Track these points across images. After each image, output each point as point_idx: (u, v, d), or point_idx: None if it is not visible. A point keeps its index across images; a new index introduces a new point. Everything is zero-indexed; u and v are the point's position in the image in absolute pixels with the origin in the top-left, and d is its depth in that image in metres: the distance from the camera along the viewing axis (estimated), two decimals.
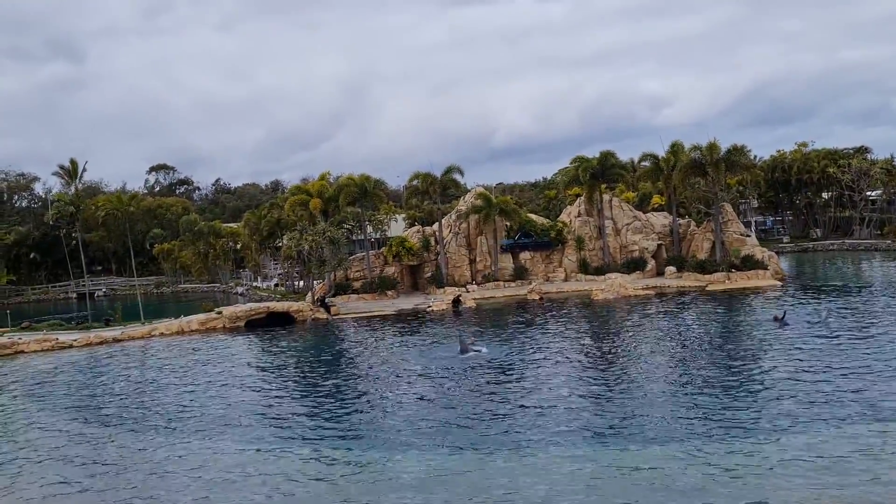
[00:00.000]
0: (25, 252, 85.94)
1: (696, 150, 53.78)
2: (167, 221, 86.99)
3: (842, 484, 15.25)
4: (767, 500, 14.72)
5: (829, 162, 78.01)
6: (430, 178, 57.82)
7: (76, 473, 19.17)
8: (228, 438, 21.58)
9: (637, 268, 56.42)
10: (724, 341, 31.78)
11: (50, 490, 18.03)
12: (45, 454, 21.04)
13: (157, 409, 25.63)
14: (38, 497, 17.61)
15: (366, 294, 54.25)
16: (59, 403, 27.60)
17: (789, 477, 15.82)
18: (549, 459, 17.87)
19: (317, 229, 50.85)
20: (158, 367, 33.83)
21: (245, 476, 18.18)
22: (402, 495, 16.31)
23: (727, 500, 14.84)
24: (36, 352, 39.96)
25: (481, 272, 57.65)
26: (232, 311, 46.41)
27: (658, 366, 27.58)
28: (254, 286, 68.55)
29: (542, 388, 25.16)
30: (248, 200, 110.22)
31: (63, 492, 17.91)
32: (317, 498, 16.63)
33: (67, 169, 71.38)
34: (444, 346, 34.61)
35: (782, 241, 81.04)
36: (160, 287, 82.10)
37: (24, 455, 21.09)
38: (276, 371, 31.85)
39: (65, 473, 19.19)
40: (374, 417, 23.03)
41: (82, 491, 17.91)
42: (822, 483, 15.37)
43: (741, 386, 23.76)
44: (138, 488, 17.79)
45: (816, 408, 20.64)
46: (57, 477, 18.93)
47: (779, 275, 52.38)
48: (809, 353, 27.71)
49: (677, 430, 19.51)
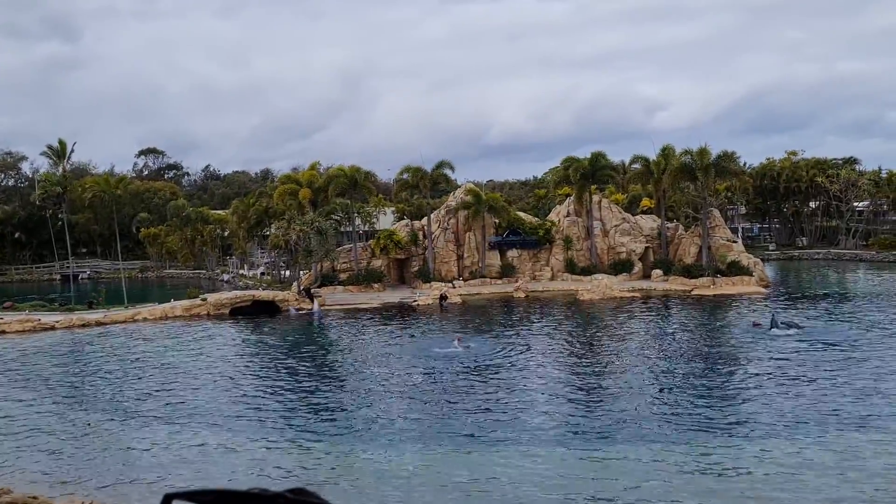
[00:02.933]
0: (10, 231, 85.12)
1: (687, 154, 53.96)
2: (154, 206, 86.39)
3: (818, 488, 15.39)
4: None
5: (817, 171, 78.43)
6: (420, 172, 57.75)
7: (45, 454, 19.11)
8: (199, 424, 21.57)
9: (624, 270, 56.58)
10: (705, 346, 31.95)
11: (17, 464, 17.97)
12: (16, 433, 20.94)
13: (131, 394, 25.55)
14: (8, 471, 17.54)
15: (352, 286, 54.17)
16: (37, 384, 27.45)
17: (760, 482, 15.94)
18: (523, 457, 17.94)
19: (305, 219, 50.67)
20: (139, 352, 33.66)
21: (208, 461, 18.21)
22: (378, 487, 16.34)
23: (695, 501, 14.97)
24: (18, 332, 39.64)
25: (468, 268, 57.66)
26: (217, 298, 46.22)
27: (638, 367, 27.69)
28: (240, 274, 68.26)
29: (522, 386, 25.26)
30: (237, 188, 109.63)
31: (31, 469, 17.84)
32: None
33: (56, 149, 70.93)
34: (427, 340, 34.62)
35: (768, 248, 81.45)
36: (145, 272, 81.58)
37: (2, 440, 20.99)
38: (255, 359, 31.79)
39: (41, 459, 19.12)
40: (349, 408, 23.04)
41: (49, 471, 17.87)
42: (796, 488, 15.51)
43: (718, 390, 23.94)
44: (102, 469, 17.82)
45: (791, 413, 20.80)
46: (27, 458, 18.86)
47: (764, 282, 52.66)
48: (788, 359, 27.91)
49: (654, 432, 19.62)
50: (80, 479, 17.41)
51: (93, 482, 17.16)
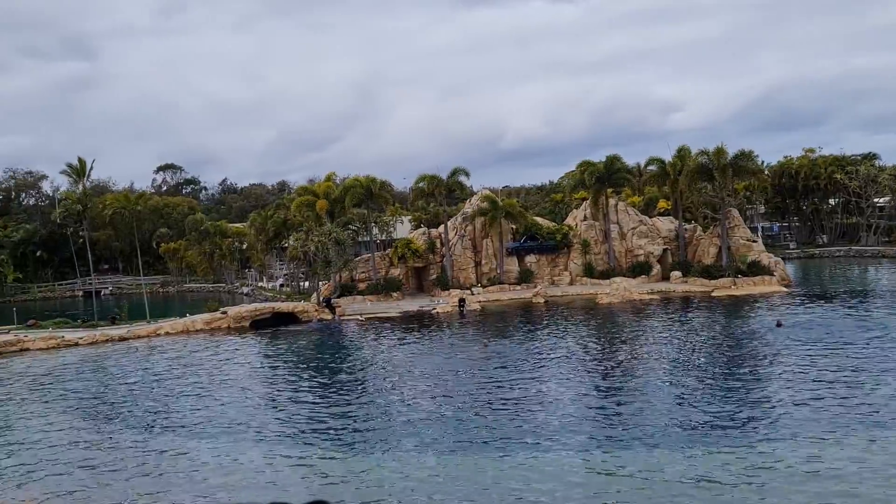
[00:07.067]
0: (32, 250, 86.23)
1: (704, 154, 53.69)
2: (173, 221, 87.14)
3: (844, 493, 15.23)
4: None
5: (836, 168, 77.70)
6: (436, 180, 57.86)
7: (75, 470, 19.29)
8: (227, 437, 21.68)
9: (642, 272, 56.32)
10: (727, 347, 31.68)
11: (49, 484, 18.14)
12: (46, 451, 21.15)
13: (157, 408, 25.76)
14: (39, 493, 17.71)
15: (371, 295, 54.27)
16: (62, 401, 27.73)
17: (778, 485, 15.78)
18: (546, 462, 17.89)
19: (323, 230, 50.92)
20: (162, 367, 33.94)
21: (239, 473, 18.26)
22: (404, 495, 16.35)
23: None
24: (42, 349, 40.09)
25: (486, 275, 57.61)
26: (237, 311, 46.48)
27: (661, 371, 27.53)
28: (259, 286, 68.64)
29: (544, 392, 25.18)
30: (254, 201, 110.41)
31: (62, 488, 18.00)
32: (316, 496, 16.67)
33: (75, 167, 71.48)
34: (448, 348, 34.62)
35: (789, 247, 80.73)
36: (166, 286, 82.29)
37: (26, 452, 21.20)
38: (278, 371, 31.93)
39: (64, 470, 19.32)
40: (376, 418, 23.08)
41: (81, 489, 18.01)
42: (818, 491, 15.34)
43: (740, 392, 23.72)
44: (133, 486, 17.93)
45: (815, 414, 20.56)
46: (56, 475, 19.05)
47: (785, 281, 52.19)
48: (810, 359, 27.58)
49: (676, 435, 19.48)
50: (112, 493, 17.54)
51: (125, 495, 17.29)
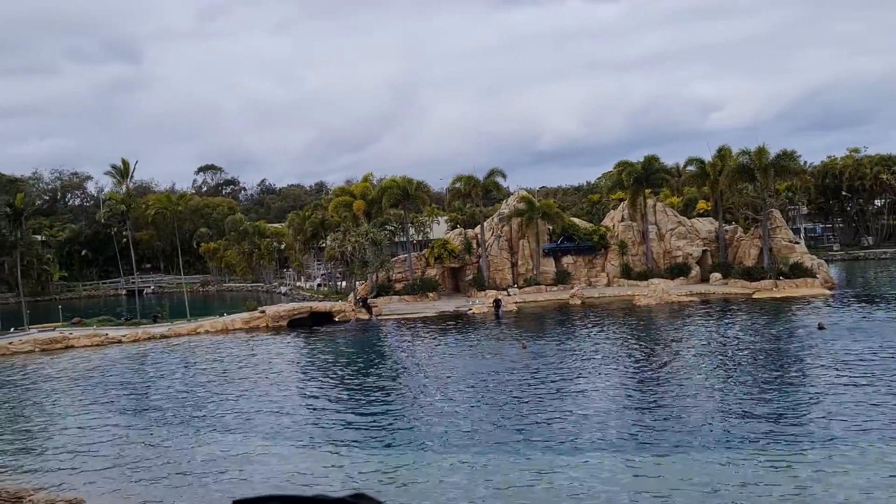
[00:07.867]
0: (77, 249, 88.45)
1: (745, 154, 52.82)
2: (213, 221, 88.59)
3: None
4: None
5: (882, 168, 75.91)
6: (472, 180, 57.92)
7: (118, 466, 19.69)
8: (264, 436, 21.93)
9: (681, 274, 55.63)
10: (768, 350, 31.09)
11: (90, 478, 18.57)
12: (88, 445, 21.65)
13: (199, 406, 26.18)
14: (82, 481, 18.15)
15: (407, 295, 54.50)
16: (103, 396, 28.37)
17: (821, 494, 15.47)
18: (588, 466, 17.77)
19: (360, 231, 51.31)
20: (202, 365, 34.52)
21: (272, 468, 18.48)
22: (441, 495, 16.40)
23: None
24: (86, 346, 41.07)
25: (523, 276, 57.44)
26: (275, 311, 47.05)
27: (701, 374, 27.10)
28: (297, 286, 69.40)
29: (584, 393, 25.02)
30: (292, 201, 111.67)
31: (104, 486, 18.40)
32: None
33: (119, 168, 72.91)
34: (485, 349, 34.61)
35: (832, 248, 79.05)
36: (206, 285, 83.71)
37: (69, 445, 21.72)
38: (316, 369, 32.22)
39: (106, 464, 19.73)
40: (413, 417, 23.16)
41: (122, 484, 18.39)
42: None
43: (781, 397, 23.25)
44: (172, 482, 18.24)
45: (859, 422, 20.07)
46: (98, 469, 19.48)
47: (828, 283, 51.10)
48: (854, 365, 26.94)
49: (719, 440, 19.20)
50: (153, 488, 17.90)
51: (166, 490, 17.63)
